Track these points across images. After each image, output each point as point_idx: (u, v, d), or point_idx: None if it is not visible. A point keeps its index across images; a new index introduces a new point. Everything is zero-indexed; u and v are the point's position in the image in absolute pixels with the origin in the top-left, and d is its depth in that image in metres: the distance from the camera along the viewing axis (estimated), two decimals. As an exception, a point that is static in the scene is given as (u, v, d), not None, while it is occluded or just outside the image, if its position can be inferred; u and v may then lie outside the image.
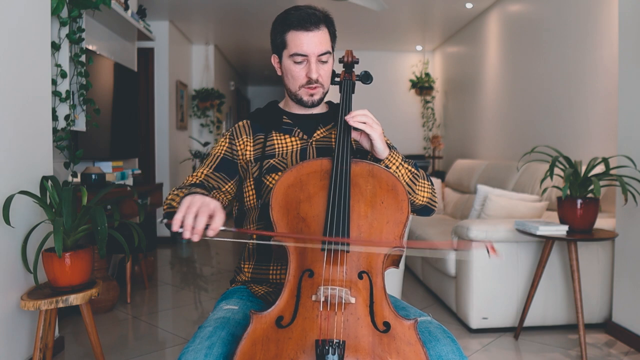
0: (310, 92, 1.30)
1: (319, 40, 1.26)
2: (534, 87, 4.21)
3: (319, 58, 1.27)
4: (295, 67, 1.28)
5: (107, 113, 3.59)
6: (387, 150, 1.24)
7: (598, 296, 2.78)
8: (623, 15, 2.65)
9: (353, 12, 5.16)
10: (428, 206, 1.33)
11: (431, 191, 1.32)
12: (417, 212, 1.34)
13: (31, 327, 2.27)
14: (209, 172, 1.33)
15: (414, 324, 1.01)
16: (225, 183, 1.33)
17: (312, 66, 1.26)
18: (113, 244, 3.05)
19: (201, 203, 0.99)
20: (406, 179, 1.26)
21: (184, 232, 0.96)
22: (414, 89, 7.09)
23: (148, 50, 5.50)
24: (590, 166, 2.44)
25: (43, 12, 2.38)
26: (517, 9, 4.57)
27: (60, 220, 1.93)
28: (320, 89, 1.31)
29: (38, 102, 2.34)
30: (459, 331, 2.80)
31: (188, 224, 0.96)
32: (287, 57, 1.28)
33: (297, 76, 1.29)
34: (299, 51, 1.25)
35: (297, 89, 1.31)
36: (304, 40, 1.25)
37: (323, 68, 1.29)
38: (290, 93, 1.33)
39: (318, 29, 1.26)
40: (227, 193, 1.33)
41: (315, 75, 1.27)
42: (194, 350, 1.03)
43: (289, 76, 1.30)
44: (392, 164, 1.25)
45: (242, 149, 1.35)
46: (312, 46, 1.25)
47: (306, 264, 1.07)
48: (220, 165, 1.33)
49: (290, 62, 1.28)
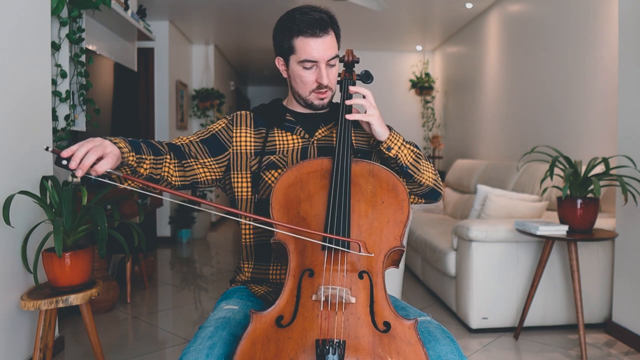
0: (320, 97, 1.31)
1: (329, 46, 1.26)
2: (534, 87, 4.21)
3: (328, 62, 1.27)
4: (305, 72, 1.28)
5: (107, 113, 3.59)
6: (387, 131, 1.24)
7: (598, 296, 2.78)
8: (623, 15, 2.65)
9: (353, 12, 5.16)
10: (435, 189, 1.33)
11: (435, 172, 1.33)
12: (425, 196, 1.34)
13: (31, 327, 2.27)
14: (194, 140, 1.32)
15: (414, 324, 1.01)
16: (205, 156, 1.31)
17: (322, 72, 1.26)
18: (113, 244, 3.05)
19: (99, 143, 1.03)
20: (409, 159, 1.26)
21: (70, 162, 0.99)
22: (414, 89, 7.09)
23: (148, 50, 5.50)
24: (590, 166, 2.44)
25: (43, 12, 2.38)
26: (517, 9, 4.58)
27: (60, 220, 1.93)
28: (329, 92, 1.32)
29: (38, 102, 2.34)
30: (459, 331, 2.80)
31: (78, 155, 1.00)
32: (296, 62, 1.28)
33: (307, 82, 1.29)
34: (309, 58, 1.25)
35: (308, 94, 1.31)
36: (314, 47, 1.24)
37: (331, 72, 1.29)
38: (300, 98, 1.33)
39: (327, 33, 1.25)
40: (205, 167, 1.30)
41: (326, 81, 1.27)
42: (195, 351, 1.03)
43: (298, 81, 1.30)
44: (394, 145, 1.24)
45: (239, 138, 1.34)
46: (322, 52, 1.25)
47: (306, 263, 1.07)
48: (208, 140, 1.32)
49: (299, 68, 1.28)
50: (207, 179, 1.32)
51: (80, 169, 0.99)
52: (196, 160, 1.30)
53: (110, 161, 1.02)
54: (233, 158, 1.33)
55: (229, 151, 1.33)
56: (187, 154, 1.29)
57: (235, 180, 1.33)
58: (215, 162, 1.32)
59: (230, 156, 1.33)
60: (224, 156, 1.33)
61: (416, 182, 1.29)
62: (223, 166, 1.33)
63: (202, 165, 1.31)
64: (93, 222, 1.86)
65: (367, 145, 1.36)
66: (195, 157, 1.30)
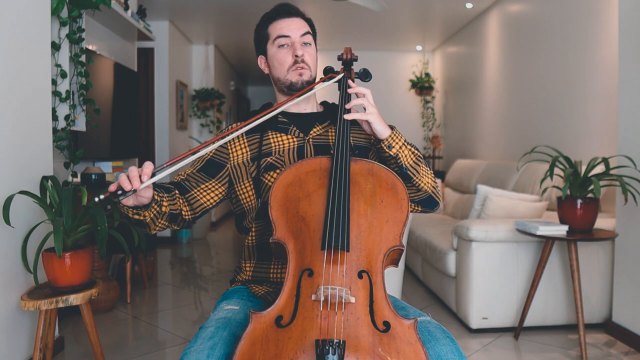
0: (298, 72, 1.32)
1: (299, 25, 1.33)
2: (534, 87, 4.20)
3: (302, 39, 1.32)
4: (280, 51, 1.32)
5: (107, 113, 3.59)
6: (389, 130, 1.23)
7: (598, 296, 2.78)
8: (623, 15, 2.65)
9: (353, 12, 5.16)
10: (433, 197, 1.30)
11: (434, 180, 1.30)
12: (422, 203, 1.31)
13: (31, 327, 2.27)
14: (192, 172, 1.34)
15: (413, 324, 1.01)
16: (205, 181, 1.33)
17: (296, 45, 1.32)
18: (113, 244, 3.05)
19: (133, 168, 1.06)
20: (410, 161, 1.24)
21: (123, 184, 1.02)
22: (414, 89, 7.09)
23: (148, 50, 5.50)
24: (590, 166, 2.44)
25: (43, 12, 2.38)
26: (517, 9, 4.57)
27: (60, 220, 1.93)
28: (307, 70, 1.32)
29: (38, 102, 2.34)
30: (459, 331, 2.80)
31: (123, 178, 1.03)
32: (272, 45, 1.34)
33: (283, 60, 1.32)
34: (281, 33, 1.31)
35: (286, 72, 1.32)
36: (285, 24, 1.32)
37: (307, 50, 1.33)
38: (280, 82, 1.34)
39: (297, 16, 1.35)
40: (209, 190, 1.32)
41: (300, 52, 1.31)
42: (196, 351, 1.03)
43: (275, 63, 1.34)
44: (396, 143, 1.23)
45: (234, 152, 1.34)
46: (294, 28, 1.32)
47: (305, 263, 1.06)
48: (205, 167, 1.34)
49: (275, 50, 1.33)
50: (214, 202, 1.35)
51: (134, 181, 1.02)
52: (198, 188, 1.32)
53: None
54: (233, 172, 1.34)
55: (227, 166, 1.34)
56: (188, 187, 1.31)
57: (240, 192, 1.34)
58: (217, 182, 1.34)
59: (229, 171, 1.34)
60: (223, 173, 1.34)
61: (415, 185, 1.25)
62: (225, 182, 1.34)
63: (204, 190, 1.32)
64: (93, 222, 1.86)
65: (365, 141, 1.36)
66: (197, 186, 1.32)
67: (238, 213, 1.40)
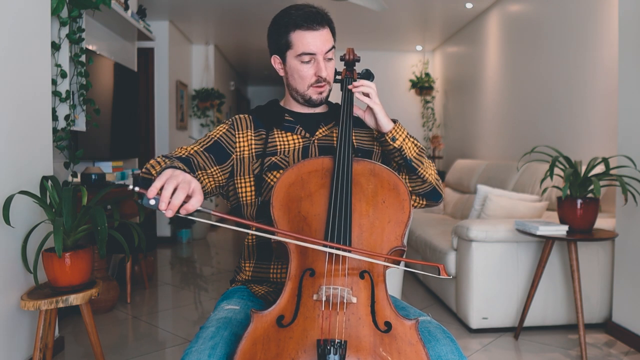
0: (319, 91, 1.31)
1: (326, 38, 1.26)
2: (534, 87, 4.21)
3: (326, 55, 1.27)
4: (303, 66, 1.27)
5: (107, 113, 3.58)
6: (391, 123, 1.24)
7: (598, 296, 2.78)
8: (623, 15, 2.65)
9: (353, 12, 5.16)
10: (436, 188, 1.31)
11: (436, 172, 1.32)
12: (427, 195, 1.32)
13: (31, 327, 2.27)
14: (199, 150, 1.28)
15: (415, 324, 1.01)
16: (212, 165, 1.28)
17: (321, 65, 1.26)
18: (113, 244, 3.04)
19: (182, 179, 0.96)
20: (413, 152, 1.25)
21: (160, 204, 0.92)
22: (414, 89, 7.09)
23: (148, 50, 5.49)
24: (590, 166, 2.44)
25: (43, 12, 2.38)
26: (517, 9, 4.57)
27: (60, 220, 1.92)
28: (327, 86, 1.31)
29: (38, 102, 2.34)
30: (459, 331, 2.80)
31: (166, 195, 0.92)
32: (293, 57, 1.27)
33: (305, 76, 1.28)
34: (307, 50, 1.25)
35: (306, 88, 1.30)
36: (311, 39, 1.24)
37: (329, 66, 1.29)
38: (298, 93, 1.32)
39: (323, 27, 1.26)
40: (211, 177, 1.28)
41: (325, 74, 1.27)
42: (197, 351, 1.03)
43: (295, 77, 1.29)
44: (399, 136, 1.24)
45: (242, 143, 1.32)
46: (320, 44, 1.25)
47: (307, 262, 1.06)
48: (212, 147, 1.29)
49: (296, 62, 1.27)
50: (211, 188, 1.29)
51: (171, 210, 0.93)
52: (204, 171, 1.26)
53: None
54: (236, 164, 1.32)
55: (233, 157, 1.31)
56: (196, 166, 1.25)
57: (239, 186, 1.32)
58: (220, 170, 1.30)
59: (233, 162, 1.32)
60: (228, 163, 1.31)
61: (420, 177, 1.27)
62: (227, 172, 1.32)
63: (210, 175, 1.28)
64: (93, 222, 1.86)
65: (368, 144, 1.36)
66: (204, 168, 1.26)
67: (233, 207, 1.37)
